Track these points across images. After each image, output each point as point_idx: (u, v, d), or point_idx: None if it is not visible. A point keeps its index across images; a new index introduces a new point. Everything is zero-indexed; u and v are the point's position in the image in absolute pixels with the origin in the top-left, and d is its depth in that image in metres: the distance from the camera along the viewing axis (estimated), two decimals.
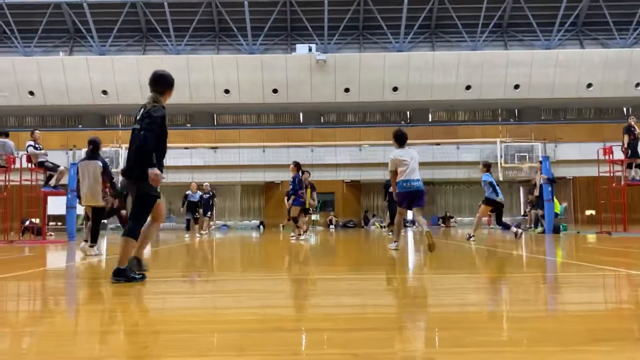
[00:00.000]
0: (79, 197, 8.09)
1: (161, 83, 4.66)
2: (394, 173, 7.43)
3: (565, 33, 31.50)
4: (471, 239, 10.23)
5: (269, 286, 4.37)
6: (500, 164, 24.96)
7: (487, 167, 11.08)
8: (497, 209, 10.96)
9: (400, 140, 7.52)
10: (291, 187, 12.31)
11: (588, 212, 26.81)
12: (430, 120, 32.83)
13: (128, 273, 4.25)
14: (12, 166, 12.28)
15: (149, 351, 2.13)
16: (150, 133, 4.32)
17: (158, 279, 5.00)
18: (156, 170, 4.34)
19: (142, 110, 4.51)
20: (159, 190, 4.52)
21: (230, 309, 3.22)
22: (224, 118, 33.58)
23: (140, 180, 4.36)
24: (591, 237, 12.06)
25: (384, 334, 2.41)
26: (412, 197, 7.38)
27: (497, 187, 10.80)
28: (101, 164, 7.71)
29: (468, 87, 29.79)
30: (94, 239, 7.64)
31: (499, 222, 11.15)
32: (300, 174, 12.44)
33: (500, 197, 10.74)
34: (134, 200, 4.50)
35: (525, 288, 4.00)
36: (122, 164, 24.78)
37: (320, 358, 2.04)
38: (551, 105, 32.11)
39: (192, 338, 2.36)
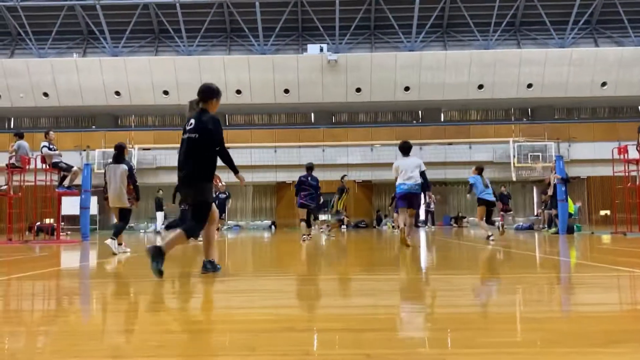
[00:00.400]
0: (106, 199, 8.45)
1: (207, 93, 4.96)
2: (396, 178, 8.77)
3: (579, 31, 31.19)
4: (490, 238, 10.20)
5: (280, 286, 4.37)
6: (513, 163, 24.79)
7: (478, 169, 11.32)
8: (487, 208, 11.24)
9: (403, 150, 8.94)
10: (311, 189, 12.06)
11: (602, 213, 26.53)
12: (442, 119, 32.67)
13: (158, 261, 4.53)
14: (27, 167, 12.44)
15: (161, 350, 2.14)
16: (222, 143, 4.81)
17: (171, 278, 5.03)
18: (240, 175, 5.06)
19: (194, 120, 4.78)
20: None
21: (242, 309, 3.22)
22: (236, 118, 33.68)
23: (199, 187, 4.70)
24: (606, 238, 11.94)
25: (396, 334, 2.40)
26: (408, 198, 8.64)
27: (481, 187, 11.03)
28: (127, 168, 8.13)
29: (480, 87, 29.61)
30: (115, 234, 8.06)
31: (487, 221, 11.27)
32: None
33: (487, 197, 11.07)
34: (193, 205, 4.81)
35: (538, 289, 3.96)
36: (135, 163, 24.99)
37: (332, 358, 2.03)
38: (565, 104, 31.79)
39: (204, 337, 2.37)
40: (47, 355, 2.13)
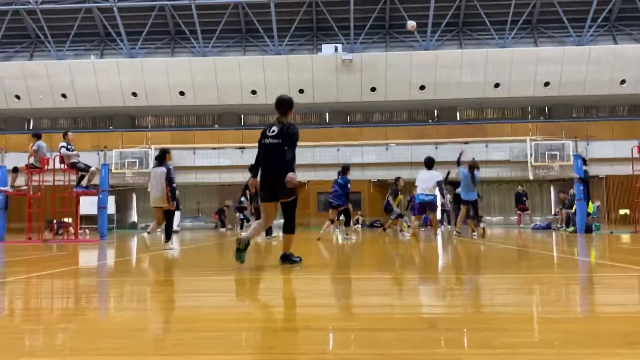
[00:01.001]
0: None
1: (283, 105, 5.70)
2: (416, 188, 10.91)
3: (598, 28, 30.76)
4: (473, 234, 11.43)
5: (296, 285, 4.38)
6: (530, 162, 24.53)
7: (470, 166, 12.04)
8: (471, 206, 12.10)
9: (426, 165, 10.93)
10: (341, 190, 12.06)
11: (622, 212, 26.14)
12: (458, 118, 32.46)
13: (291, 257, 5.61)
14: (46, 167, 12.62)
15: (178, 349, 2.16)
16: (295, 147, 5.52)
17: (188, 277, 5.06)
18: (295, 175, 5.44)
19: (276, 127, 5.57)
20: None
21: (258, 308, 3.24)
22: (251, 119, 33.82)
23: (289, 187, 5.48)
24: (625, 237, 11.76)
25: (412, 334, 2.39)
26: (423, 207, 10.98)
27: (467, 183, 11.81)
28: (165, 170, 8.70)
29: (497, 85, 29.36)
30: (167, 237, 8.76)
31: (475, 216, 12.18)
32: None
33: (470, 197, 11.93)
34: (287, 203, 5.62)
35: (556, 289, 3.92)
36: (151, 163, 25.21)
37: (348, 358, 2.03)
38: (583, 102, 31.39)
39: (221, 336, 2.38)
40: (67, 352, 2.16)
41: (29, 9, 30.36)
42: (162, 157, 8.88)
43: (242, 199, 17.12)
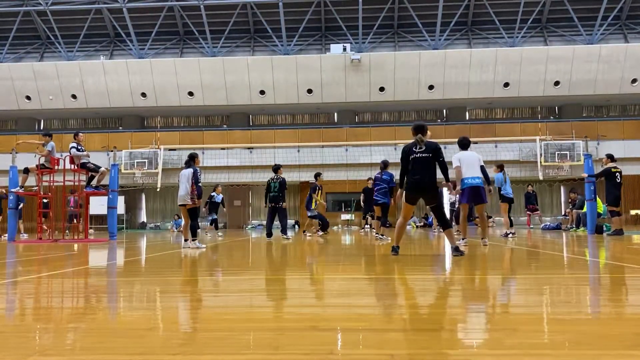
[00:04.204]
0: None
1: (423, 129, 6.87)
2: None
3: (608, 27, 30.53)
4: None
5: (303, 285, 4.38)
6: (540, 162, 24.38)
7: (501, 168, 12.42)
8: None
9: (463, 146, 9.33)
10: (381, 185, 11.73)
11: (633, 212, 25.93)
12: (467, 118, 32.34)
13: (459, 249, 6.73)
14: (56, 167, 12.71)
15: (186, 348, 2.16)
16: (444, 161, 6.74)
17: (195, 277, 5.08)
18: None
19: (424, 145, 6.74)
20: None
21: (265, 308, 3.24)
22: (260, 119, 33.89)
23: (436, 190, 6.73)
24: (636, 238, 11.66)
25: (420, 334, 2.38)
26: (474, 192, 9.15)
27: (505, 184, 12.10)
28: (192, 171, 9.34)
29: (506, 85, 29.21)
30: (194, 234, 9.26)
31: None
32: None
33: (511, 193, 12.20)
34: (438, 206, 6.85)
35: (567, 289, 3.89)
36: (160, 164, 25.33)
37: (356, 358, 2.03)
38: (593, 101, 31.16)
39: (228, 336, 2.38)
40: (77, 351, 2.17)
41: (39, 10, 30.62)
42: (192, 160, 9.51)
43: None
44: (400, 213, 7.15)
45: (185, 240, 9.45)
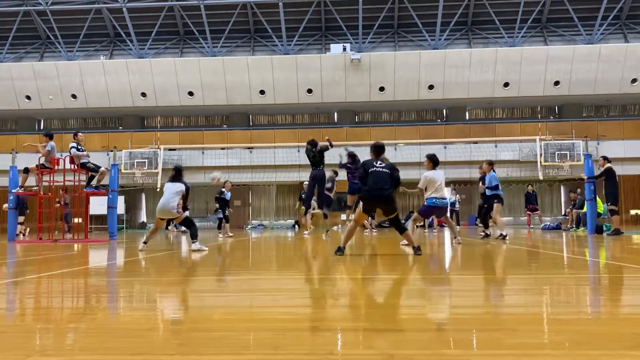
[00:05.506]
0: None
1: (382, 150, 7.59)
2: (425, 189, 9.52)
3: (608, 27, 30.52)
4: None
5: (304, 285, 4.38)
6: (540, 162, 24.38)
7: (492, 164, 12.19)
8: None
9: (436, 163, 9.33)
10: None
11: (633, 212, 25.93)
12: (467, 118, 32.33)
13: (420, 248, 6.94)
14: (56, 167, 12.70)
15: (186, 348, 2.16)
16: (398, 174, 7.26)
17: (195, 277, 5.08)
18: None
19: (381, 162, 7.30)
20: None
21: (266, 308, 3.24)
22: (259, 119, 33.89)
23: (394, 202, 7.13)
24: (636, 238, 11.66)
25: (420, 335, 2.38)
26: (435, 211, 9.40)
27: (496, 184, 11.98)
28: (184, 188, 8.87)
29: (506, 84, 29.21)
30: (194, 237, 8.85)
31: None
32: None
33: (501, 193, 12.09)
34: (393, 214, 7.17)
35: (566, 289, 3.89)
36: (160, 163, 25.33)
37: (356, 358, 2.03)
38: (593, 101, 31.16)
39: (229, 336, 2.38)
40: (76, 351, 2.17)
41: (39, 10, 30.61)
42: (179, 174, 9.03)
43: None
44: (354, 218, 7.52)
45: (145, 243, 8.88)
